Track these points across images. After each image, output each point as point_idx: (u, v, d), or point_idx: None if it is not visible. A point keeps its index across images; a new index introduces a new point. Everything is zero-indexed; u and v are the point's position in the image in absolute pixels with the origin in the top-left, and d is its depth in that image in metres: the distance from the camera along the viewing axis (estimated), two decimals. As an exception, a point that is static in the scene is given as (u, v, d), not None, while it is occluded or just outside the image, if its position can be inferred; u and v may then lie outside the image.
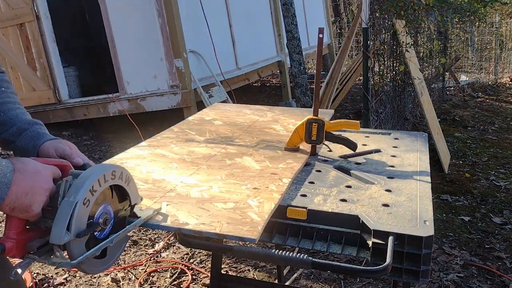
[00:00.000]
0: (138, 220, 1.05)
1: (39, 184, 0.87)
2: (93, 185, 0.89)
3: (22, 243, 0.86)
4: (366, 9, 3.88)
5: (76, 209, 0.86)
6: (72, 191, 0.88)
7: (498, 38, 9.92)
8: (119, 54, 5.12)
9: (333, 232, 1.14)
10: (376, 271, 0.94)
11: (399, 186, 1.32)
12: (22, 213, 0.85)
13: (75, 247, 0.88)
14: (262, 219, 1.09)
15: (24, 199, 0.84)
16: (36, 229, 0.89)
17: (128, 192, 1.02)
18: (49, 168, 0.91)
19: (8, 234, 0.85)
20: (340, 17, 13.36)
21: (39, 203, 0.86)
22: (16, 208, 0.84)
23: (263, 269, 2.75)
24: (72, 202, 0.86)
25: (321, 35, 1.48)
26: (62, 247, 0.86)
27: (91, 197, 0.90)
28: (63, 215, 0.85)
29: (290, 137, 1.63)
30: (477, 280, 2.61)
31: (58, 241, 0.84)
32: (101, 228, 0.95)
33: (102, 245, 0.93)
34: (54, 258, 0.87)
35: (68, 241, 0.85)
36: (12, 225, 0.86)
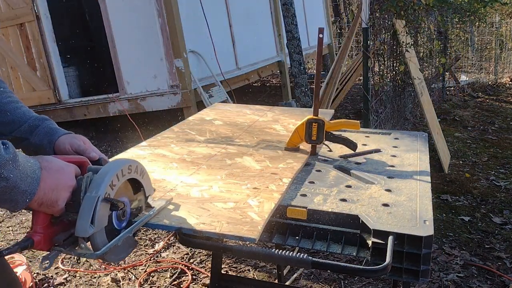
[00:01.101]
0: (153, 211, 1.10)
1: (63, 181, 0.91)
2: (112, 180, 0.95)
3: (49, 236, 0.92)
4: (366, 9, 3.88)
5: (99, 204, 0.91)
6: (93, 187, 0.93)
7: (498, 38, 9.92)
8: (119, 54, 5.12)
9: (333, 232, 1.14)
10: (376, 271, 0.94)
11: (399, 186, 1.32)
12: (49, 208, 0.90)
13: (98, 239, 0.93)
14: (262, 219, 1.09)
15: (51, 195, 0.89)
16: (60, 223, 0.94)
17: (142, 185, 1.07)
18: (71, 166, 0.96)
19: (36, 229, 0.90)
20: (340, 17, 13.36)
21: (63, 199, 0.91)
22: (44, 204, 0.88)
23: (263, 269, 2.75)
24: (94, 197, 0.91)
25: (321, 35, 1.48)
26: (86, 239, 0.92)
27: (111, 191, 0.95)
28: (87, 209, 0.90)
29: (290, 137, 1.63)
30: (477, 280, 2.61)
31: (83, 234, 0.90)
32: (120, 219, 1.00)
33: (122, 235, 0.98)
34: (79, 250, 0.93)
35: (92, 233, 0.91)
36: (39, 220, 0.91)
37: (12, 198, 0.82)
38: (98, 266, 2.85)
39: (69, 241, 0.93)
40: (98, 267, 2.84)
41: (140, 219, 1.05)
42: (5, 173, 0.78)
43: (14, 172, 0.80)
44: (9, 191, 0.80)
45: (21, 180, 0.82)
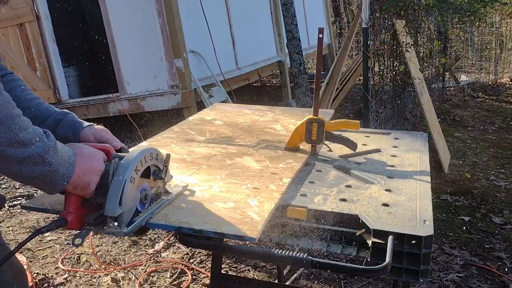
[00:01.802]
0: (171, 196, 1.20)
1: (94, 165, 1.00)
2: (136, 165, 1.05)
3: (80, 216, 1.01)
4: (366, 9, 3.88)
5: (125, 186, 1.00)
6: (121, 171, 1.02)
7: (498, 38, 9.92)
8: (119, 54, 5.12)
9: (333, 231, 1.14)
10: (375, 271, 0.94)
11: (399, 185, 1.32)
12: (82, 190, 0.99)
13: (125, 218, 1.03)
14: (262, 219, 1.09)
15: (84, 179, 0.98)
16: (89, 205, 1.03)
17: (162, 171, 1.16)
18: (100, 152, 1.05)
19: (68, 209, 1.00)
20: (340, 17, 13.37)
21: (94, 182, 1.00)
22: (78, 187, 0.97)
23: (263, 269, 2.76)
24: (121, 180, 1.01)
25: (321, 35, 1.48)
26: (114, 218, 1.01)
27: (136, 175, 1.05)
28: (115, 191, 1.00)
29: (290, 137, 1.63)
30: (477, 280, 2.61)
31: (112, 213, 1.00)
32: (143, 202, 1.10)
33: (146, 216, 1.08)
34: (108, 228, 1.02)
35: (118, 214, 1.00)
36: (71, 202, 1.01)
37: (53, 181, 0.92)
38: (98, 266, 2.85)
39: (98, 221, 1.02)
40: (98, 267, 2.84)
41: (160, 203, 1.15)
42: (48, 158, 0.88)
43: (55, 158, 0.90)
44: (50, 174, 0.90)
45: (60, 164, 0.91)
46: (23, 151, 0.85)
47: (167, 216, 1.11)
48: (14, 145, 0.83)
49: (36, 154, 0.86)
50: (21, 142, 0.84)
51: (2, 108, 0.82)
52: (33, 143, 0.86)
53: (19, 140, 0.84)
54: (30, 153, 0.86)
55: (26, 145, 0.85)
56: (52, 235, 3.24)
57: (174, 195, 1.21)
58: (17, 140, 0.83)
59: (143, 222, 1.07)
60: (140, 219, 1.06)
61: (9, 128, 0.82)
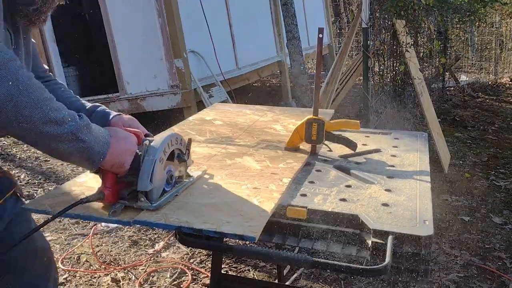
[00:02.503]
0: (192, 178, 1.32)
1: (128, 146, 1.12)
2: (164, 147, 1.17)
3: (115, 191, 1.13)
4: (366, 9, 3.88)
5: (155, 165, 1.12)
6: (151, 152, 1.14)
7: (498, 38, 9.92)
8: (119, 54, 5.12)
9: (333, 231, 1.14)
10: (375, 270, 0.94)
11: (399, 185, 1.32)
12: (118, 169, 1.11)
13: (155, 194, 1.15)
14: (262, 218, 1.09)
15: (120, 158, 1.09)
16: (122, 182, 1.15)
17: (185, 155, 1.29)
18: (133, 135, 1.17)
19: (106, 185, 1.12)
20: (340, 17, 13.37)
21: (128, 162, 1.12)
22: (114, 165, 1.09)
23: (263, 269, 2.76)
24: (152, 160, 1.13)
25: (321, 35, 1.48)
26: (145, 193, 1.12)
27: (164, 156, 1.17)
28: (146, 169, 1.12)
29: (290, 137, 1.63)
30: (477, 280, 2.61)
31: (144, 189, 1.11)
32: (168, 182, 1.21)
33: (171, 194, 1.21)
34: (139, 202, 1.13)
35: (149, 189, 1.12)
36: (107, 178, 1.12)
37: (90, 158, 1.03)
38: (98, 266, 2.85)
39: (131, 196, 1.15)
40: (98, 267, 2.84)
41: (183, 183, 1.28)
42: (81, 136, 0.99)
43: (89, 136, 1.01)
44: (86, 151, 1.01)
45: (94, 142, 1.02)
46: (56, 129, 0.95)
47: (167, 215, 1.11)
48: (47, 124, 0.94)
49: (69, 132, 0.97)
50: (54, 121, 0.95)
51: (34, 92, 0.93)
52: (65, 122, 0.97)
53: (51, 119, 0.95)
54: (63, 131, 0.96)
55: (58, 123, 0.96)
56: (52, 235, 3.24)
57: (195, 177, 1.33)
58: (49, 119, 0.94)
59: (170, 199, 1.19)
60: (166, 196, 1.19)
61: (41, 109, 0.93)
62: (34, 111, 0.92)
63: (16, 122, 0.91)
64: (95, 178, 1.35)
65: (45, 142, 0.97)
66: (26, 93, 0.92)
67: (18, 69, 0.92)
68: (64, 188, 1.30)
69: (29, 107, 0.92)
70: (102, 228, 3.27)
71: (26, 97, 0.92)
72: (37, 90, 0.94)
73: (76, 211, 1.12)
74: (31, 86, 0.93)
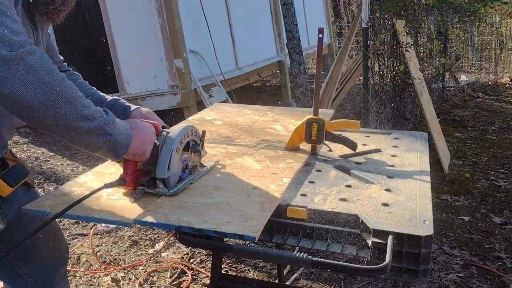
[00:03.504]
0: (205, 168, 1.41)
1: (148, 136, 1.20)
2: (181, 138, 1.26)
3: (136, 178, 1.22)
4: (366, 9, 3.88)
5: (172, 154, 1.21)
6: (168, 142, 1.23)
7: (498, 38, 9.92)
8: (119, 54, 5.12)
9: (333, 231, 1.14)
10: (375, 270, 0.94)
11: (399, 185, 1.32)
12: (139, 157, 1.19)
13: (172, 181, 1.23)
14: (263, 218, 1.09)
15: (141, 148, 1.17)
16: (141, 170, 1.23)
17: (199, 146, 1.37)
18: (152, 126, 1.24)
19: (127, 173, 1.20)
20: (340, 17, 13.38)
21: (149, 151, 1.20)
22: (136, 154, 1.17)
23: (263, 269, 2.76)
24: (169, 149, 1.21)
25: (321, 35, 1.49)
26: (163, 180, 1.21)
27: (180, 146, 1.26)
28: (164, 158, 1.20)
29: (291, 137, 1.63)
30: (477, 280, 2.61)
31: (162, 176, 1.20)
32: (184, 171, 1.30)
33: (187, 181, 1.29)
34: (157, 189, 1.22)
35: (168, 176, 1.20)
36: (129, 166, 1.20)
37: (115, 150, 1.11)
38: (98, 266, 2.85)
39: (150, 183, 1.23)
40: (98, 267, 2.84)
41: (197, 172, 1.36)
42: (109, 130, 1.07)
43: (115, 130, 1.09)
44: (112, 144, 1.09)
45: (119, 135, 1.10)
46: (88, 124, 1.04)
47: (167, 215, 1.11)
48: (81, 120, 1.02)
49: (99, 127, 1.05)
50: (86, 117, 1.03)
51: (69, 92, 1.01)
52: (95, 118, 1.05)
53: (84, 115, 1.03)
54: (94, 126, 1.04)
55: (90, 119, 1.04)
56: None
57: (209, 167, 1.42)
58: (82, 116, 1.02)
59: (185, 187, 1.27)
60: (182, 183, 1.27)
61: (75, 106, 1.01)
62: (69, 109, 1.01)
63: (54, 119, 1.00)
64: (95, 178, 1.35)
65: (77, 136, 1.05)
66: (62, 93, 1.00)
67: (54, 70, 1.00)
68: (64, 188, 1.30)
69: (65, 106, 1.00)
70: (102, 228, 3.27)
71: (62, 97, 1.00)
72: (70, 89, 1.02)
73: (76, 212, 1.13)
74: (65, 85, 1.01)
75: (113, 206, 1.18)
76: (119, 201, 1.20)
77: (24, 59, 0.95)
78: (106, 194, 1.24)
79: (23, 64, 0.95)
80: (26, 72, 0.95)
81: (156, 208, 1.16)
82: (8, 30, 0.96)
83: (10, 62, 0.94)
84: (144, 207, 1.16)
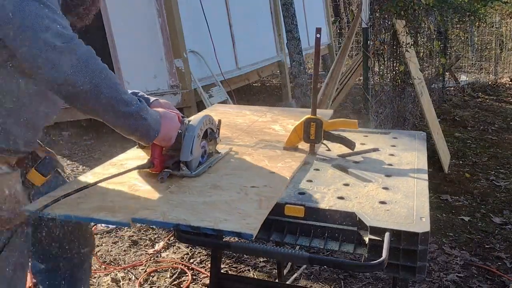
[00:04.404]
0: (221, 154, 1.54)
1: (174, 124, 1.35)
2: (201, 126, 1.40)
3: (162, 161, 1.36)
4: (366, 9, 3.89)
5: (195, 140, 1.35)
6: (191, 129, 1.37)
7: (498, 38, 9.92)
8: (119, 54, 5.12)
9: (330, 229, 1.15)
10: (371, 266, 0.94)
11: (397, 184, 1.33)
12: (166, 142, 1.33)
13: (193, 164, 1.38)
14: (260, 216, 1.10)
15: (168, 134, 1.32)
16: (166, 155, 1.37)
17: (215, 134, 1.50)
18: (176, 115, 1.38)
19: (154, 156, 1.34)
20: (340, 17, 13.38)
21: (174, 136, 1.34)
22: (164, 139, 1.31)
23: (263, 269, 2.76)
24: (192, 135, 1.36)
25: (319, 35, 1.49)
26: (186, 163, 1.35)
27: (201, 133, 1.40)
28: (188, 143, 1.35)
29: (289, 136, 1.64)
30: (477, 280, 2.61)
31: (186, 159, 1.35)
32: (203, 156, 1.44)
33: (206, 165, 1.44)
34: (181, 171, 1.36)
35: (190, 159, 1.35)
36: (156, 151, 1.34)
37: (148, 134, 1.25)
38: (98, 266, 2.86)
39: (174, 166, 1.37)
40: (98, 267, 2.85)
41: (214, 157, 1.51)
42: (144, 115, 1.21)
43: (148, 116, 1.23)
44: (147, 128, 1.23)
45: (151, 120, 1.24)
46: (127, 108, 1.18)
47: (165, 213, 1.12)
48: (121, 104, 1.17)
49: (136, 112, 1.19)
50: (126, 102, 1.18)
51: (112, 79, 1.16)
52: (133, 104, 1.19)
53: (124, 100, 1.17)
54: (133, 110, 1.19)
55: (128, 104, 1.18)
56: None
57: (224, 153, 1.55)
58: (123, 101, 1.17)
59: (205, 169, 1.41)
60: (202, 167, 1.42)
61: (117, 92, 1.16)
62: (112, 94, 1.15)
63: (99, 103, 1.14)
64: (94, 179, 1.35)
65: (117, 119, 1.19)
66: (107, 80, 1.14)
67: (98, 60, 1.15)
68: (64, 189, 1.29)
69: (109, 91, 1.14)
70: (102, 228, 3.28)
71: (106, 83, 1.14)
72: (112, 77, 1.17)
73: (76, 213, 1.13)
74: (108, 74, 1.16)
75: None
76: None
77: (75, 50, 1.10)
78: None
79: (74, 54, 1.09)
80: (78, 61, 1.09)
81: (155, 206, 1.16)
82: (59, 25, 1.11)
83: (64, 52, 1.08)
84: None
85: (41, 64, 1.09)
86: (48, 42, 1.08)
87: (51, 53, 1.08)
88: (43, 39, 1.07)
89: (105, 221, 1.13)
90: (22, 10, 1.08)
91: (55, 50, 1.08)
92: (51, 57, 1.08)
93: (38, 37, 1.07)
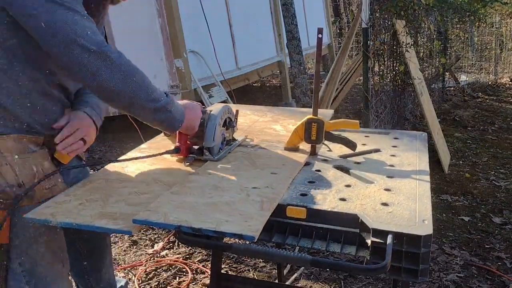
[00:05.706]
0: (237, 141, 1.68)
1: (197, 114, 1.48)
2: (221, 115, 1.53)
3: (187, 147, 1.52)
4: (366, 9, 3.88)
5: (216, 128, 1.49)
6: (212, 118, 1.50)
7: (498, 38, 9.92)
8: (119, 54, 5.10)
9: (332, 231, 1.14)
10: (374, 269, 0.94)
11: (398, 185, 1.32)
12: (190, 131, 1.48)
13: (215, 149, 1.51)
14: (262, 218, 1.09)
15: (192, 123, 1.46)
16: (190, 141, 1.52)
17: (233, 122, 1.64)
18: (199, 105, 1.52)
19: (181, 143, 1.49)
20: (340, 17, 13.38)
21: (197, 125, 1.48)
22: (188, 128, 1.46)
23: (263, 269, 2.76)
24: (214, 123, 1.49)
25: (320, 35, 1.48)
26: (208, 149, 1.49)
27: (221, 121, 1.53)
28: (210, 131, 1.49)
29: (290, 137, 1.63)
30: (477, 280, 2.61)
31: (208, 145, 1.49)
32: (222, 143, 1.57)
33: (226, 150, 1.58)
34: (204, 156, 1.50)
35: (213, 146, 1.49)
36: (182, 138, 1.49)
37: (173, 124, 1.38)
38: (98, 266, 2.85)
39: (198, 151, 1.52)
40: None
41: (232, 144, 1.64)
42: (169, 108, 1.34)
43: (173, 108, 1.35)
44: (172, 119, 1.36)
45: (176, 112, 1.37)
46: (155, 104, 1.30)
47: (167, 214, 1.11)
48: (150, 102, 1.29)
49: (162, 106, 1.31)
50: (154, 99, 1.29)
51: (142, 79, 1.27)
52: (160, 100, 1.31)
53: (153, 98, 1.29)
54: (160, 105, 1.31)
55: (156, 101, 1.30)
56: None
57: (240, 140, 1.68)
58: (152, 98, 1.29)
59: (225, 155, 1.55)
60: (223, 152, 1.55)
61: (146, 89, 1.28)
62: (143, 94, 1.26)
63: (132, 102, 1.26)
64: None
65: (146, 114, 1.31)
66: (138, 81, 1.26)
67: (130, 62, 1.27)
68: (66, 194, 1.29)
69: (140, 91, 1.25)
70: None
71: (138, 84, 1.25)
72: (143, 77, 1.28)
73: (77, 220, 1.13)
74: (140, 75, 1.27)
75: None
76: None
77: (108, 55, 1.19)
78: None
79: (109, 59, 1.19)
80: (112, 65, 1.20)
81: (156, 207, 1.16)
82: (91, 32, 1.19)
83: (100, 57, 1.18)
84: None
85: (78, 70, 1.18)
86: (83, 48, 1.15)
87: (87, 60, 1.16)
88: (77, 46, 1.15)
89: (106, 229, 1.12)
90: (54, 19, 1.14)
91: (90, 57, 1.16)
92: (87, 64, 1.16)
93: (72, 45, 1.14)
